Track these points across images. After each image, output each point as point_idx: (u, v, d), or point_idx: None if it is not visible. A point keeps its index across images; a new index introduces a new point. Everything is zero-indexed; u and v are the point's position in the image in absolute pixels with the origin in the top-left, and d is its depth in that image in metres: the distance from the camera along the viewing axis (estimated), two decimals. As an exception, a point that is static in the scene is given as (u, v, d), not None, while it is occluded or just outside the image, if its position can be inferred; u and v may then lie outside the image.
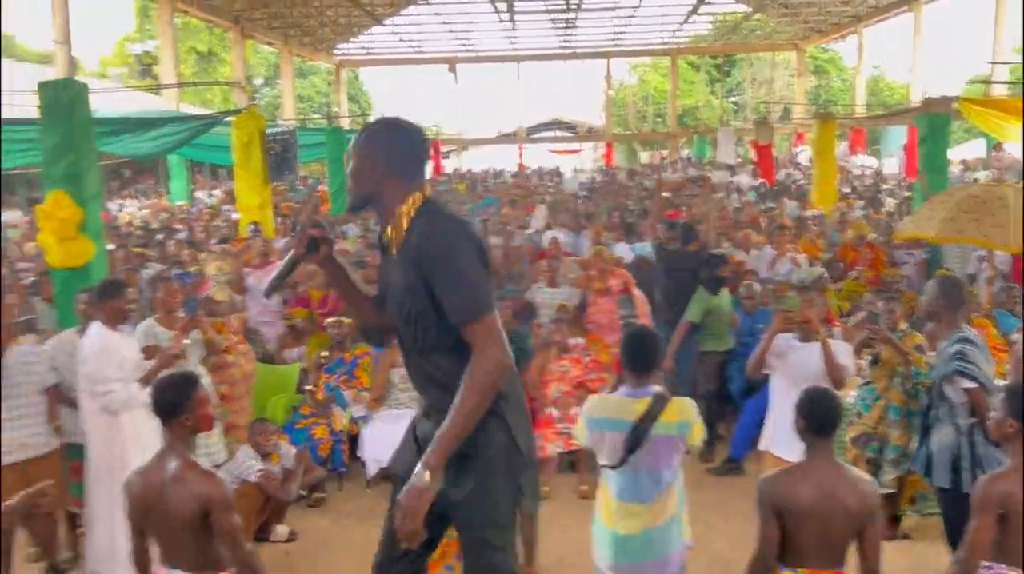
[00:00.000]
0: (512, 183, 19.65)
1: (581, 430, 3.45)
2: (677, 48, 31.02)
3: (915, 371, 4.86)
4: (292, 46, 25.12)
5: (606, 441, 3.30)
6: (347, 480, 6.12)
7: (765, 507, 2.92)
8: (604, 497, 3.41)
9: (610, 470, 3.34)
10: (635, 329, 3.54)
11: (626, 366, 3.39)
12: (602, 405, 3.42)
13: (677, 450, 3.32)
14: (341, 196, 13.21)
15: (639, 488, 3.29)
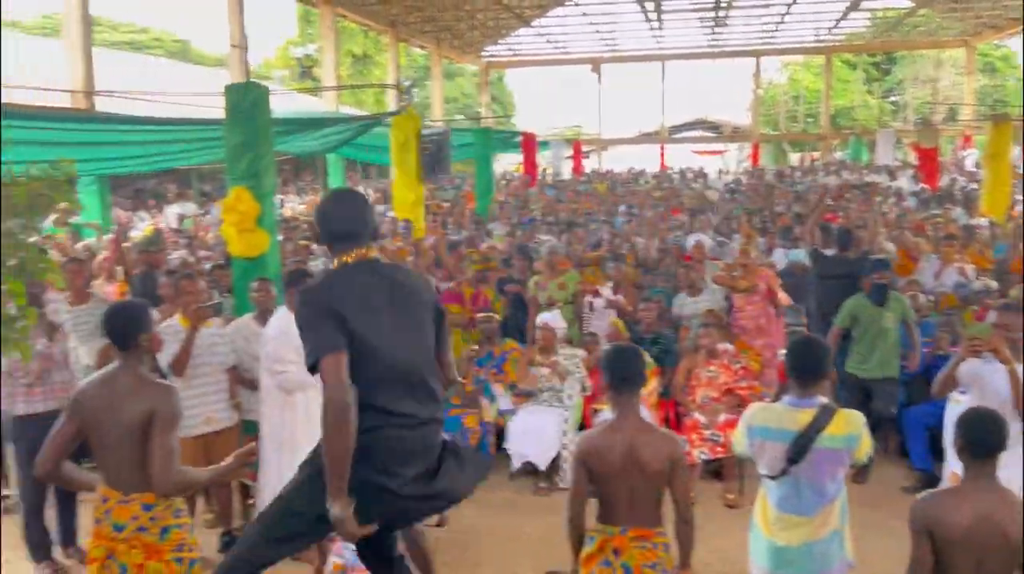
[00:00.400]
0: (653, 185, 19.43)
1: (740, 437, 3.40)
2: (832, 46, 29.71)
3: None
4: (442, 48, 25.88)
5: (766, 450, 3.25)
6: (492, 471, 6.28)
7: (917, 528, 2.83)
8: (763, 506, 3.36)
9: (770, 480, 3.29)
10: (803, 337, 3.44)
11: (791, 375, 3.29)
12: (764, 414, 3.36)
13: (842, 464, 3.21)
14: (487, 195, 13.55)
15: (800, 500, 3.22)
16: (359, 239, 2.85)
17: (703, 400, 6.19)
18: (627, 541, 3.06)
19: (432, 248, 8.97)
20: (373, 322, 2.75)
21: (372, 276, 2.83)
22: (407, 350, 2.81)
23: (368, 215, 2.92)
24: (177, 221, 11.85)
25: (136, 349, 3.14)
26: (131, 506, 3.04)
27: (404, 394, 2.78)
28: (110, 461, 3.10)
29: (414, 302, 2.88)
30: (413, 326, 2.86)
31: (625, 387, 3.10)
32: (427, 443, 2.84)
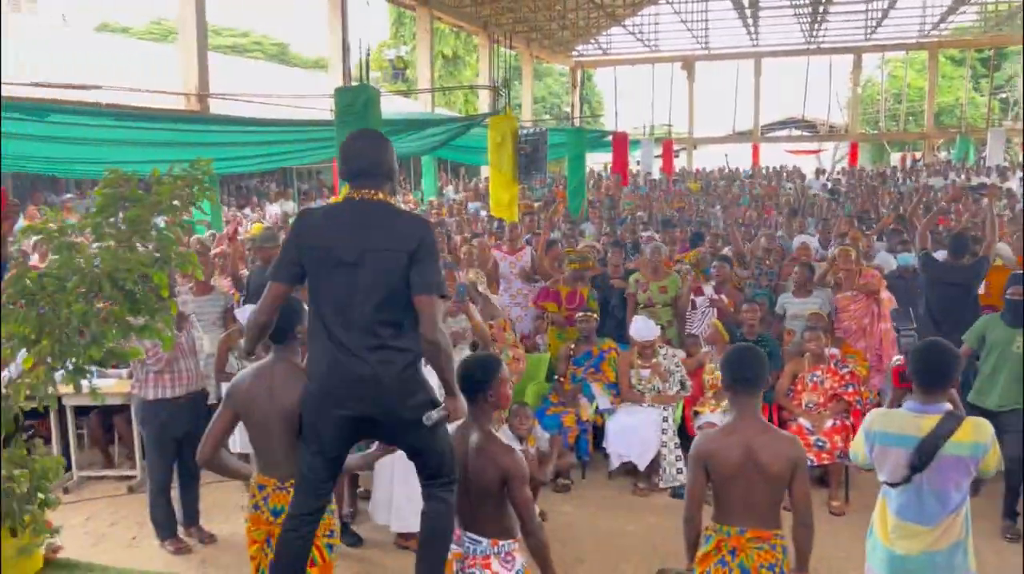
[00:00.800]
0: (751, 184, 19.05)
1: (859, 445, 3.34)
2: (937, 41, 28.49)
3: None
4: (533, 48, 26.01)
5: (888, 457, 3.19)
6: (589, 469, 6.34)
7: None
8: (882, 514, 3.29)
9: (890, 487, 3.22)
10: (930, 342, 3.33)
11: (916, 380, 3.21)
12: (883, 420, 3.29)
13: (968, 474, 3.12)
14: (579, 195, 13.55)
15: (922, 508, 3.15)
16: (365, 179, 3.03)
17: (808, 405, 6.08)
18: (744, 541, 3.06)
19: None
20: (324, 261, 2.94)
21: (353, 216, 2.97)
22: (347, 293, 2.92)
23: (380, 158, 3.07)
24: (281, 219, 12.29)
25: (292, 341, 3.29)
26: (289, 492, 3.18)
27: (342, 329, 2.92)
28: (267, 449, 3.24)
29: (383, 252, 2.91)
30: (368, 270, 2.90)
31: (744, 388, 3.09)
32: (358, 375, 2.90)
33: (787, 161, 29.31)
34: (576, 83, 30.77)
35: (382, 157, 3.07)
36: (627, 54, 30.54)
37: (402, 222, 2.99)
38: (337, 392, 2.94)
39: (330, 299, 2.94)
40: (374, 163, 3.05)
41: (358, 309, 2.89)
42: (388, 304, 2.90)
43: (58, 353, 3.25)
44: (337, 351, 2.91)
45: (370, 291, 2.89)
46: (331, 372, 2.94)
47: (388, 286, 2.90)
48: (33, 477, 3.11)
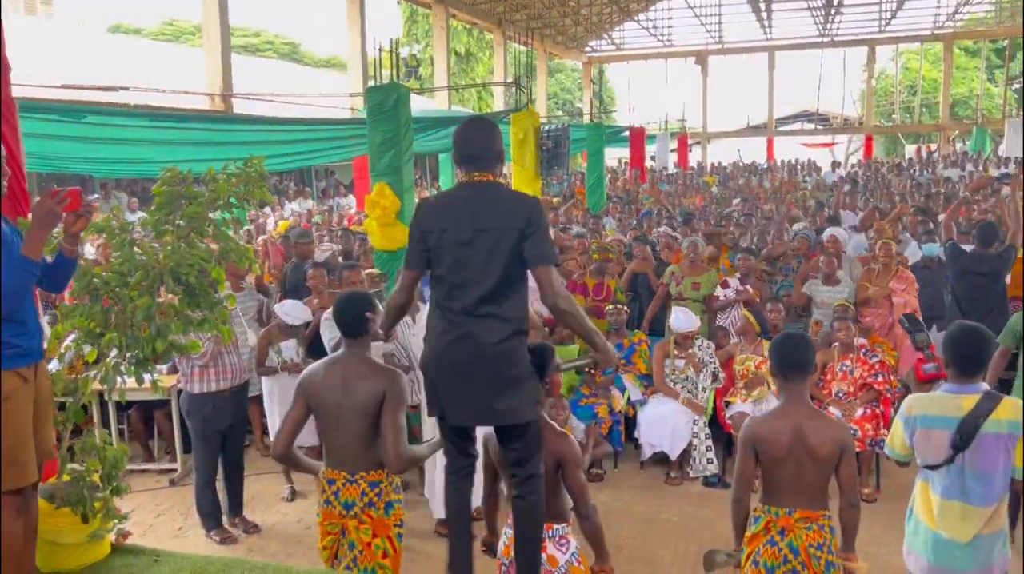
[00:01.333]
0: (768, 179, 19.06)
1: (897, 434, 3.33)
2: (953, 32, 28.37)
3: None
4: (546, 45, 26.07)
5: (931, 439, 3.22)
6: (622, 459, 6.43)
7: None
8: (925, 497, 3.30)
9: (932, 471, 3.26)
10: (966, 327, 3.35)
11: (952, 365, 3.25)
12: (923, 402, 3.32)
13: (1009, 452, 3.16)
14: (598, 190, 13.63)
15: (966, 489, 3.17)
16: (476, 163, 3.21)
17: (838, 394, 6.14)
18: (793, 522, 3.14)
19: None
20: (441, 242, 3.13)
21: (468, 195, 3.17)
22: (468, 277, 3.07)
23: (489, 144, 3.24)
24: (307, 217, 12.42)
25: (364, 336, 3.39)
26: (359, 485, 3.28)
27: (456, 302, 3.10)
28: (338, 442, 3.34)
29: (493, 230, 3.07)
30: (482, 252, 3.06)
31: (794, 373, 3.17)
32: (478, 360, 3.06)
33: (801, 155, 29.30)
34: (588, 79, 30.79)
35: (491, 143, 3.26)
36: (640, 49, 30.55)
37: (511, 201, 3.18)
38: (445, 358, 3.11)
39: (447, 276, 3.12)
40: (485, 148, 3.23)
41: (472, 284, 3.06)
42: (500, 279, 3.06)
43: (123, 346, 3.36)
44: (449, 323, 3.10)
45: (483, 267, 3.06)
46: (441, 340, 3.12)
47: (500, 262, 3.05)
48: (105, 465, 3.23)
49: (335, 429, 3.31)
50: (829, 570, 3.12)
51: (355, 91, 11.47)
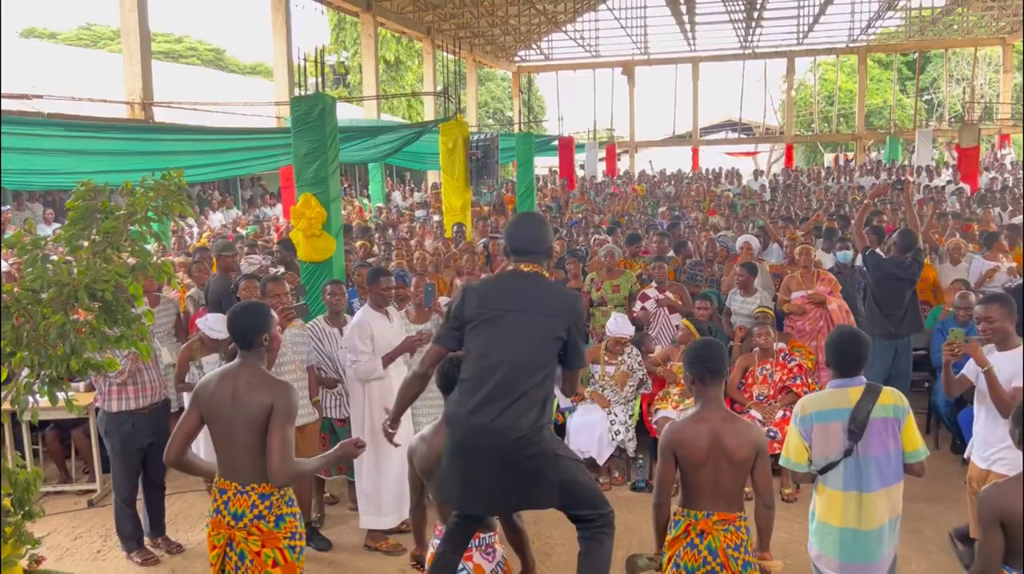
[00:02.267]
0: (694, 188, 19.51)
1: (794, 438, 3.45)
2: (866, 45, 29.58)
3: None
4: (476, 54, 26.18)
5: (828, 433, 3.36)
6: (553, 467, 6.49)
7: (988, 519, 2.89)
8: (825, 498, 3.43)
9: (833, 468, 3.37)
10: (845, 330, 3.60)
11: (836, 365, 3.46)
12: (816, 401, 3.50)
13: (895, 434, 3.35)
14: (529, 199, 13.74)
15: (863, 478, 3.33)
16: (525, 255, 3.29)
17: (759, 397, 6.35)
18: (712, 524, 3.24)
19: (484, 250, 9.24)
20: (484, 321, 3.16)
21: (513, 284, 3.24)
22: (501, 358, 3.09)
23: (538, 238, 3.33)
24: (230, 227, 12.18)
25: (257, 347, 3.37)
26: (249, 496, 3.26)
27: (487, 399, 3.06)
28: (229, 453, 3.32)
29: (531, 316, 3.15)
30: (518, 337, 3.13)
31: (711, 379, 3.28)
32: (501, 450, 3.05)
33: (726, 163, 30.07)
34: (519, 89, 31.01)
35: (542, 236, 3.35)
36: (569, 59, 30.93)
37: (557, 298, 3.26)
38: (471, 447, 3.10)
39: (481, 359, 3.14)
40: (535, 242, 3.32)
41: (509, 370, 3.09)
42: (539, 367, 3.12)
43: (36, 365, 3.26)
44: (476, 409, 3.08)
45: (521, 353, 3.11)
46: (468, 426, 3.11)
47: (539, 351, 3.13)
48: (17, 489, 3.11)
49: (227, 440, 3.30)
50: (746, 570, 3.23)
51: (281, 99, 11.30)
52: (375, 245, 9.50)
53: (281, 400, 3.24)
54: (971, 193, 16.32)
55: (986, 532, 2.92)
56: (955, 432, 6.42)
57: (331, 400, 5.59)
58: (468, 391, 3.10)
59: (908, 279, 6.67)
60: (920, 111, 33.72)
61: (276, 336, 3.47)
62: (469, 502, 3.16)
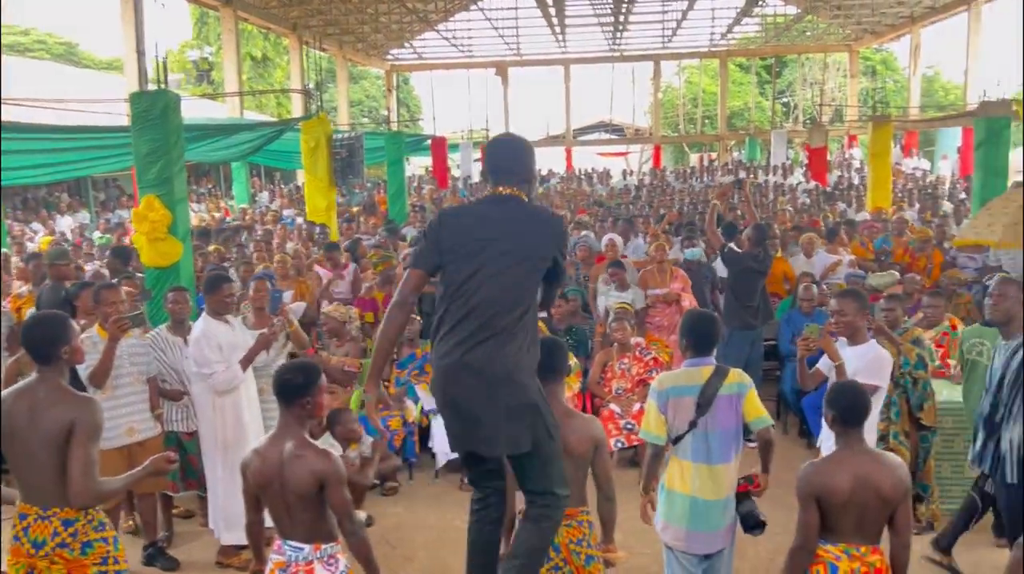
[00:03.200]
0: (561, 187, 19.86)
1: (651, 411, 3.60)
2: (727, 50, 30.92)
3: (904, 361, 5.02)
4: (346, 52, 25.68)
5: (680, 407, 3.53)
6: (417, 470, 6.42)
7: (804, 495, 3.09)
8: (677, 467, 3.58)
9: (683, 439, 3.54)
10: (696, 312, 3.82)
11: (690, 346, 3.64)
12: (672, 378, 3.69)
13: (737, 412, 3.54)
14: (400, 199, 13.57)
15: (711, 450, 3.51)
16: (503, 178, 3.12)
17: (617, 391, 6.48)
18: (555, 522, 3.25)
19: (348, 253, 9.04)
20: (464, 255, 3.00)
21: (492, 210, 3.07)
22: (486, 289, 2.96)
23: (519, 159, 3.15)
24: (78, 231, 11.42)
25: (56, 361, 3.12)
26: (51, 522, 3.03)
27: (469, 337, 2.95)
28: (28, 475, 3.07)
29: (514, 247, 2.99)
30: (500, 273, 2.98)
31: (550, 377, 3.30)
32: (489, 384, 2.94)
33: (599, 163, 30.77)
34: (391, 87, 30.66)
35: (523, 157, 3.17)
36: (442, 59, 30.83)
37: (543, 222, 3.11)
38: (466, 384, 2.98)
39: (465, 293, 2.98)
40: (514, 162, 3.15)
41: (496, 302, 2.96)
42: (527, 297, 3.03)
43: None
44: (468, 344, 2.95)
45: (509, 285, 2.98)
46: (460, 363, 2.98)
47: (528, 281, 3.03)
48: None
49: (25, 461, 3.05)
50: (589, 564, 3.27)
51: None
52: (233, 248, 9.14)
53: (83, 416, 3.02)
54: (822, 190, 17.34)
55: (804, 508, 3.10)
56: (802, 418, 6.76)
57: (176, 413, 5.30)
58: (450, 332, 3.00)
59: (762, 271, 7.00)
60: (777, 113, 35.54)
61: (77, 348, 3.22)
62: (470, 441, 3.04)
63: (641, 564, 4.87)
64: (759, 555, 4.92)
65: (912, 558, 3.17)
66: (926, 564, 4.71)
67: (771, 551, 4.87)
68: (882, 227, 11.02)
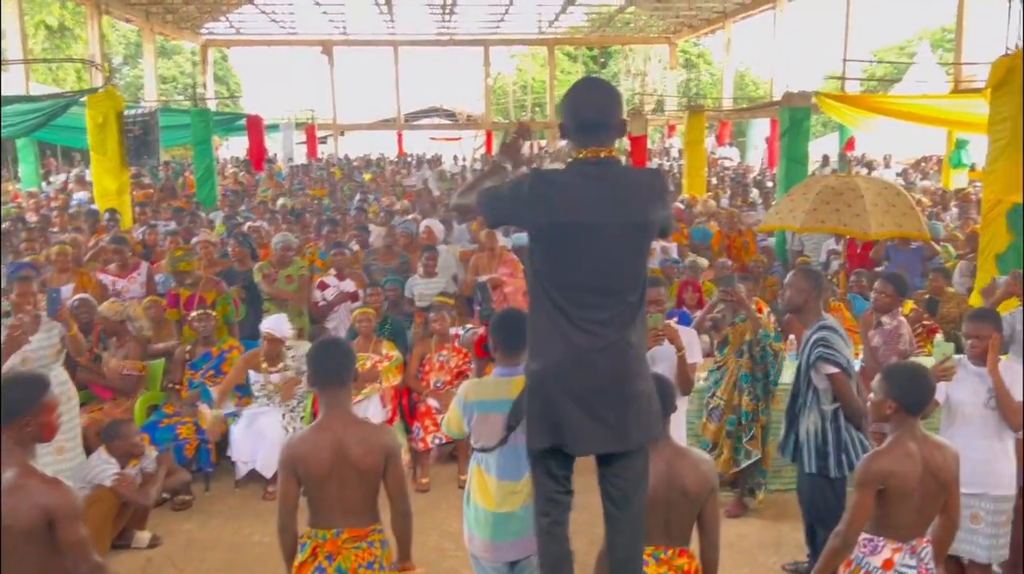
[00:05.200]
0: (390, 171, 19.35)
1: (455, 417, 3.33)
2: (554, 38, 31.36)
3: (763, 334, 5.08)
4: (154, 23, 23.75)
5: (488, 423, 3.22)
6: (214, 480, 5.84)
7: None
8: (481, 480, 3.30)
9: (487, 453, 3.24)
10: (504, 311, 3.49)
11: (497, 348, 3.31)
12: (478, 389, 3.33)
13: None
14: (208, 182, 12.57)
15: (519, 467, 3.20)
16: (598, 132, 2.60)
17: (436, 385, 6.18)
18: (340, 543, 2.90)
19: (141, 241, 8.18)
20: (561, 235, 2.56)
21: (590, 180, 2.56)
22: (586, 270, 2.58)
23: (617, 108, 2.65)
24: None
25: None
26: None
27: (593, 310, 2.59)
28: None
29: (624, 228, 2.58)
30: (604, 246, 2.58)
31: (330, 382, 2.92)
32: (611, 371, 2.60)
33: (431, 148, 30.38)
34: (205, 62, 28.78)
35: (617, 106, 2.66)
36: (262, 35, 29.26)
37: (644, 183, 2.66)
38: (580, 377, 2.61)
39: (573, 278, 2.59)
40: (609, 114, 2.62)
41: (609, 289, 2.61)
42: (639, 281, 2.66)
43: None
44: (582, 334, 2.59)
45: (624, 268, 2.62)
46: (573, 355, 2.62)
47: (640, 261, 2.67)
48: None
49: None
50: (382, 586, 2.94)
51: None
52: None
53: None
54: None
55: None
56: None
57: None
58: (566, 320, 2.58)
59: None
60: (604, 102, 36.53)
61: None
62: (583, 438, 2.62)
63: (452, 566, 4.62)
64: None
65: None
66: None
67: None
68: (689, 215, 11.32)
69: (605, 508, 2.76)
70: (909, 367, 3.09)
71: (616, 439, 2.62)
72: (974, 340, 3.87)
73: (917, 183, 15.96)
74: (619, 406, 2.61)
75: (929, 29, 33.65)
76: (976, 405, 3.82)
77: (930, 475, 2.91)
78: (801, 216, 6.59)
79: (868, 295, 6.87)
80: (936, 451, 2.96)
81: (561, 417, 2.60)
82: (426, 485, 5.78)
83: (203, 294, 6.53)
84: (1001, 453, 3.80)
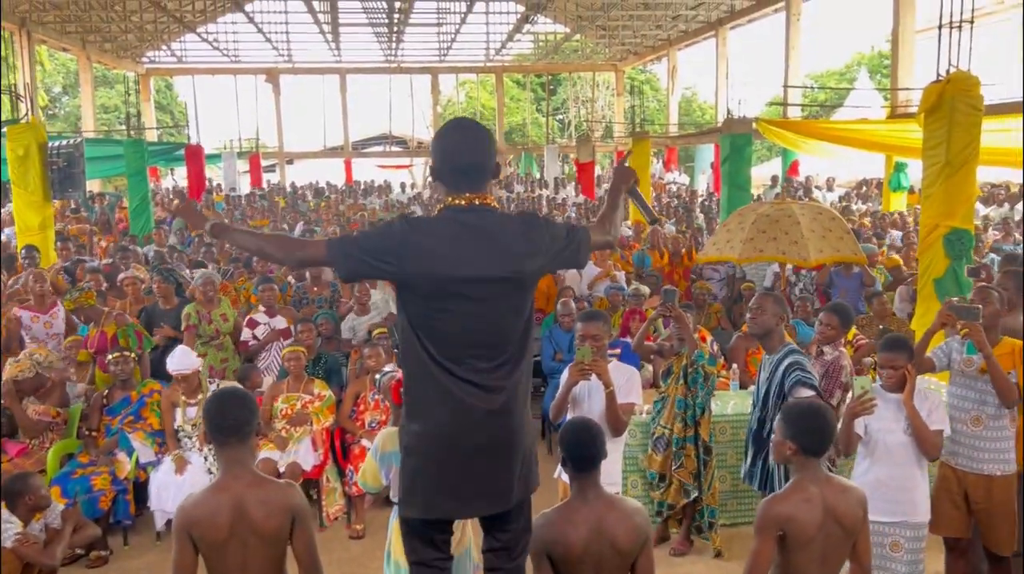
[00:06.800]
0: (335, 200, 19.06)
1: (371, 469, 3.15)
2: (502, 65, 31.48)
3: (698, 354, 4.97)
4: (91, 52, 23.21)
5: None
6: (133, 533, 5.48)
7: (534, 553, 2.75)
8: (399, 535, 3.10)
9: None
10: None
11: None
12: (396, 438, 3.11)
13: None
14: (144, 213, 12.16)
15: None
16: (470, 177, 2.50)
17: (371, 425, 5.94)
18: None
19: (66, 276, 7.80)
20: (438, 288, 2.44)
21: (467, 229, 2.44)
22: (465, 325, 2.46)
23: (489, 150, 2.55)
24: None
25: None
26: None
27: (472, 368, 2.47)
28: None
29: (501, 280, 2.47)
30: (483, 300, 2.46)
31: (228, 438, 2.67)
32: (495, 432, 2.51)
33: (380, 176, 30.09)
34: (146, 92, 28.22)
35: (489, 150, 2.55)
36: (206, 64, 28.82)
37: (518, 233, 2.53)
38: (460, 439, 2.49)
39: (451, 335, 2.47)
40: (484, 156, 2.53)
41: (488, 346, 2.51)
42: (520, 335, 2.56)
43: None
44: (461, 393, 2.47)
45: (501, 324, 2.51)
46: (453, 416, 2.49)
47: (520, 314, 2.55)
48: None
49: None
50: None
51: None
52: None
53: None
54: (590, 204, 17.85)
55: (537, 567, 2.74)
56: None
57: None
58: (444, 379, 2.45)
59: None
60: (554, 129, 36.72)
61: None
62: (460, 501, 2.52)
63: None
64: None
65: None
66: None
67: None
68: (638, 242, 11.28)
69: (488, 563, 2.64)
70: (807, 407, 2.93)
71: (503, 499, 2.52)
72: (889, 370, 3.78)
73: (854, 207, 16.14)
74: (507, 465, 2.50)
75: (867, 54, 34.58)
76: (895, 432, 3.73)
77: (833, 521, 2.73)
78: (739, 246, 6.54)
79: (812, 321, 6.85)
80: (840, 495, 2.78)
81: (445, 482, 2.45)
82: (360, 531, 5.51)
83: (104, 329, 6.23)
84: (920, 480, 3.75)
